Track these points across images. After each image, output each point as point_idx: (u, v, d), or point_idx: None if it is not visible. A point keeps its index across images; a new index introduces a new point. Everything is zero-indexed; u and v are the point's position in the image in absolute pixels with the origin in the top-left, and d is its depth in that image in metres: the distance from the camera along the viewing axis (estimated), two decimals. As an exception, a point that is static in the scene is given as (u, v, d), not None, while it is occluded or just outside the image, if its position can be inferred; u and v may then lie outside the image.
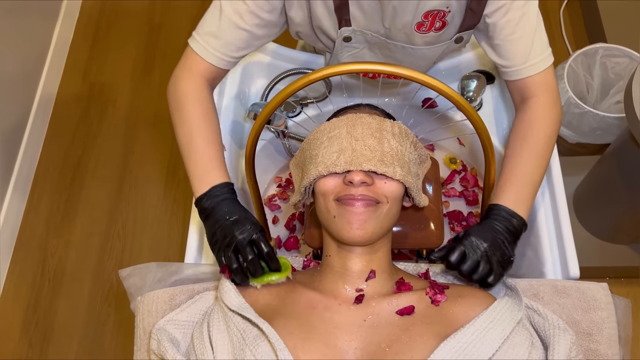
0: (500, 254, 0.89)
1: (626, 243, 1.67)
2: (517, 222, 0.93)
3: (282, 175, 1.47)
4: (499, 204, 0.94)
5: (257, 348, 0.76)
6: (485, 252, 0.88)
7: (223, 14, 0.99)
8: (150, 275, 0.98)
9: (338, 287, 0.87)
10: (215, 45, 1.02)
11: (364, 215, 0.84)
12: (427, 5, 0.99)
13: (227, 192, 0.95)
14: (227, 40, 1.01)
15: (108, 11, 2.49)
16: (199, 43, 1.03)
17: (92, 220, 2.02)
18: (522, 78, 1.02)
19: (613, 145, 1.48)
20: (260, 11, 0.99)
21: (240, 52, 1.04)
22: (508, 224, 0.92)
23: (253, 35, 1.02)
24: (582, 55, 1.76)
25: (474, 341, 0.75)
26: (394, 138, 0.90)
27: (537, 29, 0.99)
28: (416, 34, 1.04)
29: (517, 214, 0.93)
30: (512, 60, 1.01)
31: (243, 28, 1.00)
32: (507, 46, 1.00)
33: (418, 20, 1.02)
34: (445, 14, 1.01)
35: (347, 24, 1.03)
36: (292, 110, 1.35)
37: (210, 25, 1.02)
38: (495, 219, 0.93)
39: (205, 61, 1.03)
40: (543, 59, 1.01)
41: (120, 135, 2.18)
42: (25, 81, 2.13)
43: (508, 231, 0.92)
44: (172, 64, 1.10)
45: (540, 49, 1.00)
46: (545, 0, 2.25)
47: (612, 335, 0.89)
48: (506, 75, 1.04)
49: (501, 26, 0.99)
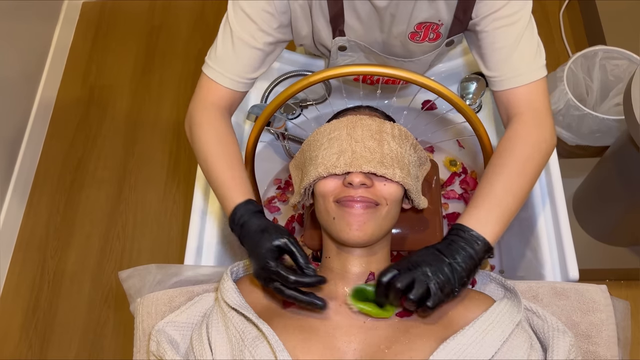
0: (444, 279, 0.79)
1: (626, 245, 1.67)
2: (478, 246, 0.83)
3: (281, 177, 1.47)
4: (462, 225, 0.85)
5: (256, 349, 0.76)
6: (425, 273, 0.79)
7: (234, 36, 0.98)
8: (149, 277, 0.98)
9: (337, 289, 0.87)
10: (231, 68, 1.00)
11: (363, 217, 0.84)
12: (419, 16, 1.00)
13: (248, 209, 0.90)
14: (242, 62, 1.00)
15: (108, 13, 2.49)
16: (214, 69, 1.00)
17: (91, 221, 2.02)
18: (504, 89, 0.96)
19: (612, 148, 1.48)
20: (269, 28, 0.99)
21: (256, 72, 1.02)
22: (469, 246, 0.83)
23: (265, 52, 1.01)
24: (582, 57, 1.77)
25: (473, 343, 0.76)
26: (394, 140, 0.90)
27: (525, 41, 0.94)
28: (411, 43, 1.06)
29: (480, 237, 0.84)
30: (496, 71, 0.97)
31: (256, 47, 0.99)
32: (491, 55, 0.97)
33: (411, 30, 1.03)
34: (438, 26, 1.02)
35: (341, 34, 1.04)
36: (292, 112, 1.35)
37: (223, 49, 1.00)
38: (453, 240, 0.84)
39: (222, 86, 1.01)
40: (529, 72, 0.95)
41: (120, 136, 2.18)
42: (26, 83, 2.13)
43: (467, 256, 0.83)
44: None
45: (528, 61, 0.95)
46: (545, 2, 2.25)
47: (611, 337, 0.89)
48: (491, 85, 1.00)
49: (487, 34, 0.96)
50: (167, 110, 2.21)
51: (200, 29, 2.39)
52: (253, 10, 0.96)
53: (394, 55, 1.10)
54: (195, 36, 2.37)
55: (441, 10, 1.00)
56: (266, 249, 0.83)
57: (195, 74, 2.23)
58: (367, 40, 1.07)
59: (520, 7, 0.94)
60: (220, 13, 2.41)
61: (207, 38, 2.35)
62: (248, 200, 0.91)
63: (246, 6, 0.97)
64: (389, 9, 0.99)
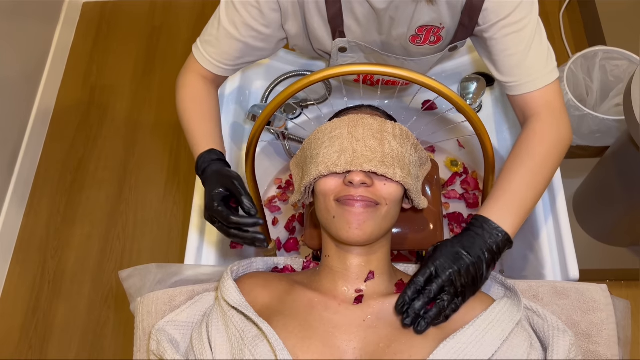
0: (469, 278, 0.82)
1: (626, 245, 1.67)
2: (500, 238, 0.86)
3: (282, 176, 1.47)
4: (484, 217, 0.88)
5: (256, 348, 0.76)
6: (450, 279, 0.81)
7: (221, 24, 1.03)
8: (150, 276, 0.99)
9: (337, 287, 0.87)
10: (212, 53, 1.07)
11: (363, 216, 0.84)
12: (421, 20, 1.01)
13: (209, 160, 0.98)
14: (223, 50, 1.06)
15: (108, 14, 2.49)
16: (199, 50, 1.08)
17: (92, 222, 2.02)
18: (520, 94, 0.99)
19: (613, 148, 1.48)
20: (255, 24, 1.02)
21: (236, 61, 1.08)
22: (489, 238, 0.86)
23: (249, 46, 1.05)
24: (582, 58, 1.77)
25: (473, 342, 0.76)
26: (395, 140, 0.90)
27: (535, 45, 0.96)
28: (411, 45, 1.06)
29: (502, 230, 0.86)
30: (510, 76, 0.99)
31: (237, 39, 1.03)
32: (504, 61, 0.98)
33: (412, 33, 1.04)
34: (439, 29, 1.03)
35: (341, 35, 1.04)
36: (292, 112, 1.35)
37: (210, 34, 1.06)
38: (476, 232, 0.87)
39: (203, 67, 1.08)
40: (543, 76, 0.97)
41: (121, 137, 2.18)
42: (26, 83, 2.13)
43: (489, 249, 0.85)
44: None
45: (541, 65, 0.97)
46: (545, 2, 2.25)
47: (611, 336, 0.89)
48: (506, 89, 1.02)
49: (497, 41, 0.97)
50: (168, 110, 2.21)
51: (200, 29, 2.35)
52: (241, 4, 1.00)
53: (394, 53, 1.10)
54: (196, 37, 2.32)
55: (443, 13, 1.00)
56: (213, 191, 0.92)
57: (196, 74, 2.23)
58: (366, 41, 1.07)
59: (528, 12, 0.94)
60: (221, 14, 2.42)
61: (207, 39, 2.35)
62: (210, 150, 0.99)
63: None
64: (388, 11, 0.99)
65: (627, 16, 2.00)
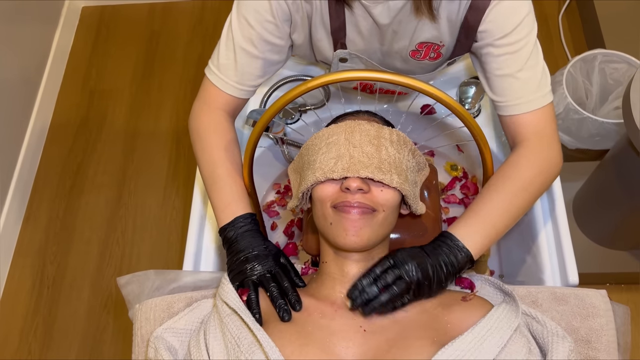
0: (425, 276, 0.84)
1: (626, 249, 1.67)
2: (461, 256, 0.87)
3: (280, 182, 1.47)
4: (451, 234, 0.89)
5: (252, 355, 0.76)
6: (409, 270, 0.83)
7: (236, 44, 0.99)
8: (148, 283, 0.98)
9: (335, 293, 0.87)
10: (233, 76, 1.02)
11: (360, 222, 0.84)
12: (421, 36, 1.01)
13: (250, 223, 0.96)
14: (243, 70, 1.01)
15: (108, 17, 2.50)
16: (217, 75, 1.03)
17: (91, 227, 2.02)
18: (509, 115, 0.98)
19: (612, 152, 1.48)
20: (272, 37, 1.00)
21: (257, 80, 1.04)
22: (450, 253, 0.87)
23: (267, 61, 1.03)
24: (581, 61, 1.77)
25: (472, 349, 0.75)
26: (392, 145, 0.90)
27: (529, 67, 0.95)
28: (411, 60, 1.06)
29: (464, 248, 0.87)
30: (501, 96, 0.97)
31: (257, 56, 1.00)
32: (495, 80, 0.97)
33: (413, 48, 1.04)
34: (439, 47, 1.03)
35: (342, 47, 1.05)
36: (291, 117, 1.35)
37: (225, 57, 1.01)
38: (439, 244, 0.88)
39: (225, 93, 1.03)
40: (534, 99, 0.95)
41: (120, 141, 2.18)
42: (25, 87, 2.13)
43: (448, 262, 0.86)
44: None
45: (532, 88, 0.95)
46: (544, 5, 2.26)
47: (611, 342, 0.89)
48: (496, 109, 1.01)
49: (492, 59, 0.97)
50: (167, 115, 2.21)
51: (200, 33, 2.39)
52: (256, 20, 0.97)
53: (394, 67, 1.11)
54: (195, 41, 2.37)
55: (443, 32, 1.00)
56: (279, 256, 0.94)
57: (195, 78, 2.23)
58: (367, 52, 1.07)
59: (526, 34, 0.94)
60: (220, 18, 2.42)
61: (207, 43, 2.35)
62: (249, 214, 0.96)
63: (249, 15, 0.97)
64: (391, 26, 0.99)
65: (626, 19, 2.00)
